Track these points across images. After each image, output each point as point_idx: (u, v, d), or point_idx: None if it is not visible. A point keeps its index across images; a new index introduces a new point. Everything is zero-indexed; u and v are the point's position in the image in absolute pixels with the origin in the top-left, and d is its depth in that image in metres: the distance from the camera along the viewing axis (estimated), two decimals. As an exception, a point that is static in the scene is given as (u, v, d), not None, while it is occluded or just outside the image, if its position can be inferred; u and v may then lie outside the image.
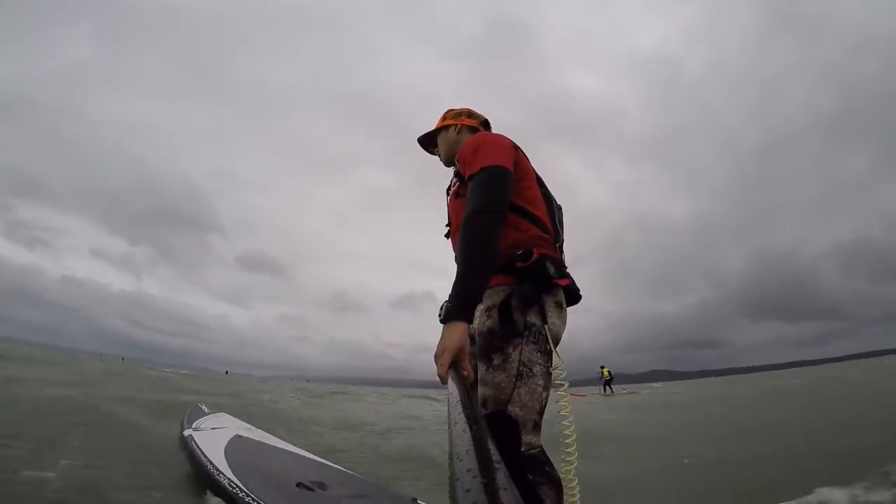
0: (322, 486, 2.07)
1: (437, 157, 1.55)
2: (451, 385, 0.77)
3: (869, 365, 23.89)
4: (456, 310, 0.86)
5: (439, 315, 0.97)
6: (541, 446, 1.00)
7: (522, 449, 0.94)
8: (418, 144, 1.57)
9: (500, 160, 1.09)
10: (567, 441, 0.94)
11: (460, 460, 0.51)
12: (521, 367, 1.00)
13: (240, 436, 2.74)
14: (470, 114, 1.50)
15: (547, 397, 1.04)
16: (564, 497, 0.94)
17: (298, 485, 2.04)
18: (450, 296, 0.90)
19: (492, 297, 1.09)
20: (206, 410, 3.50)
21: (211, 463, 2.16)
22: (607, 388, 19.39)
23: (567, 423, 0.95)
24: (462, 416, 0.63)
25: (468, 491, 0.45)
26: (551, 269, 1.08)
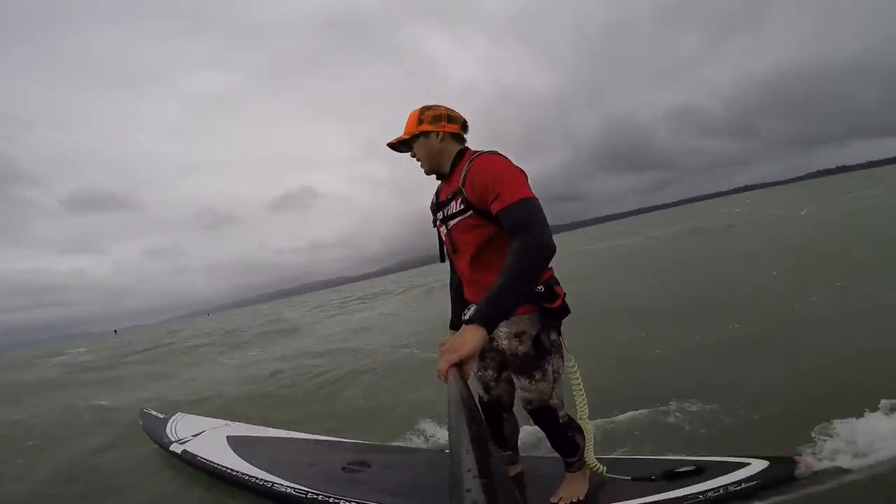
0: (365, 464, 2.08)
1: (405, 153, 1.46)
2: (451, 384, 0.79)
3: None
4: (486, 317, 0.91)
5: (464, 315, 1.19)
6: (567, 414, 1.49)
7: (560, 421, 1.44)
8: (389, 147, 1.46)
9: (532, 193, 1.18)
10: (579, 400, 1.49)
11: (460, 460, 0.51)
12: (554, 374, 1.40)
13: (231, 436, 2.67)
14: (450, 117, 1.39)
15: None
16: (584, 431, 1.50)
17: (344, 468, 2.06)
18: (484, 302, 0.94)
19: (518, 325, 1.35)
20: (161, 416, 3.26)
21: (246, 474, 2.11)
22: None
23: (577, 389, 1.47)
24: (462, 415, 0.63)
25: (468, 491, 0.44)
26: (568, 307, 1.38)
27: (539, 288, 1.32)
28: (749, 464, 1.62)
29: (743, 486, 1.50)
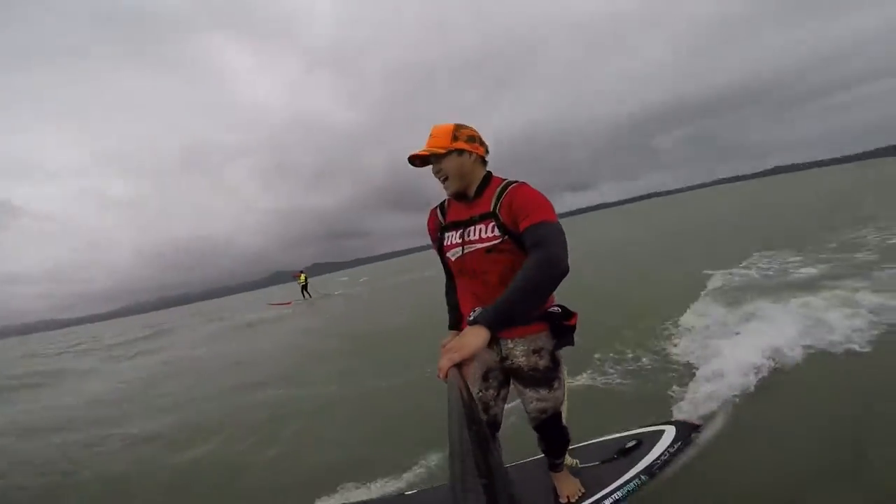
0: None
1: (420, 167, 1.42)
2: (452, 384, 0.79)
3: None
4: (493, 321, 0.93)
5: (469, 316, 1.12)
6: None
7: (563, 423, 1.58)
8: (412, 162, 1.39)
9: (557, 219, 1.25)
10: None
11: (460, 461, 0.52)
12: (564, 382, 1.53)
13: None
14: (481, 140, 1.43)
15: None
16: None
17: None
18: (492, 307, 0.97)
19: (536, 342, 1.43)
20: None
21: None
22: (305, 293, 19.47)
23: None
24: (462, 416, 0.63)
25: (469, 491, 0.46)
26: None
27: (555, 308, 1.38)
28: (664, 430, 2.03)
29: (676, 447, 1.90)
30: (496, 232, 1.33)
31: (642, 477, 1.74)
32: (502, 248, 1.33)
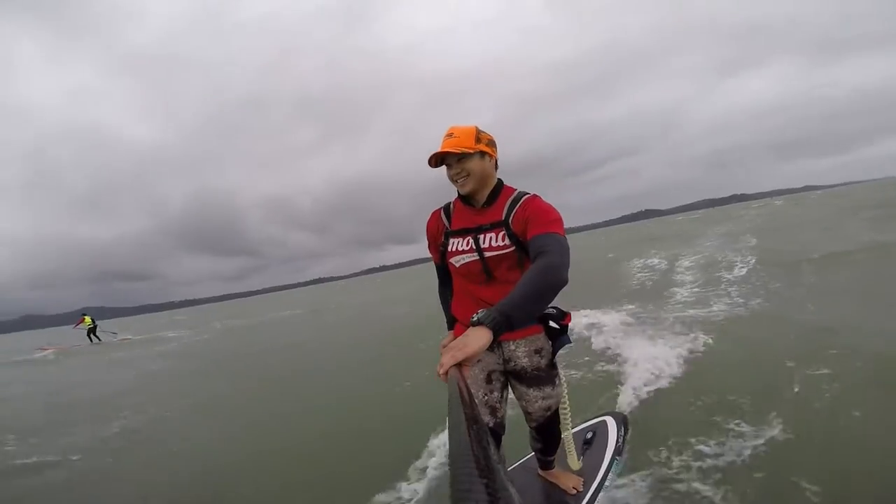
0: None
1: (432, 165, 1.41)
2: (452, 384, 0.77)
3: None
4: (496, 323, 0.93)
5: (472, 317, 1.00)
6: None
7: (559, 421, 1.70)
8: (431, 161, 1.39)
9: (564, 234, 1.29)
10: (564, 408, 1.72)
11: (460, 460, 0.46)
12: (563, 380, 1.64)
13: None
14: (496, 146, 1.45)
15: None
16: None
17: None
18: (495, 309, 0.96)
19: (536, 343, 1.50)
20: None
21: None
22: (93, 336, 17.87)
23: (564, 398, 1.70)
24: (462, 416, 0.59)
25: (469, 491, 0.41)
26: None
27: (551, 309, 1.47)
28: (604, 420, 2.35)
29: (623, 434, 2.22)
30: (507, 241, 1.38)
31: (616, 457, 2.04)
32: (513, 258, 1.39)
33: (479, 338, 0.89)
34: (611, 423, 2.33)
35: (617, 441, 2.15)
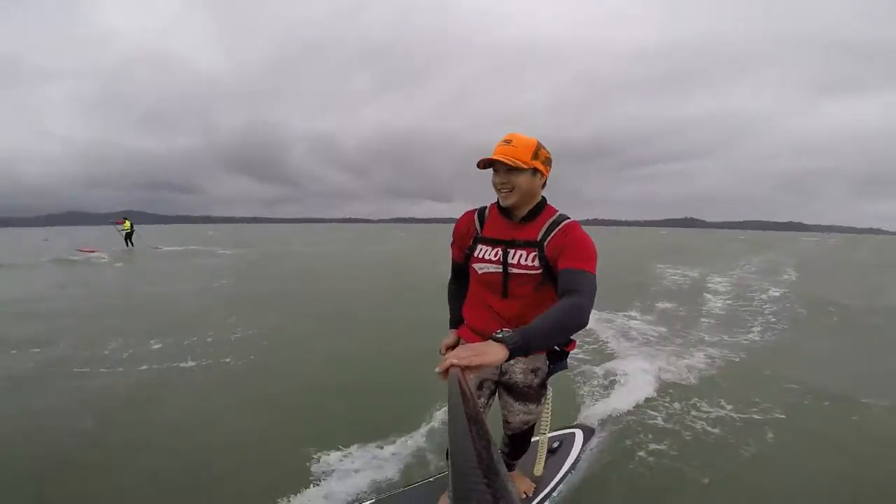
0: None
1: (480, 167, 1.35)
2: (452, 383, 0.78)
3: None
4: (516, 347, 0.95)
5: (496, 335, 0.99)
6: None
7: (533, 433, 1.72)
8: (480, 163, 1.33)
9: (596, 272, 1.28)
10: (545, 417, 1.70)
11: (460, 460, 0.50)
12: (548, 400, 1.64)
13: None
14: (551, 165, 1.40)
15: None
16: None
17: None
18: (519, 335, 0.97)
19: (535, 362, 1.52)
20: None
21: None
22: (128, 241, 17.76)
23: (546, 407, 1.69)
24: (462, 416, 0.62)
25: (469, 491, 0.45)
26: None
27: None
28: (574, 433, 2.42)
29: (590, 445, 2.38)
30: (536, 262, 1.35)
31: (571, 471, 2.14)
32: (535, 279, 1.37)
33: (496, 355, 0.91)
34: (579, 435, 2.39)
35: (577, 456, 2.23)
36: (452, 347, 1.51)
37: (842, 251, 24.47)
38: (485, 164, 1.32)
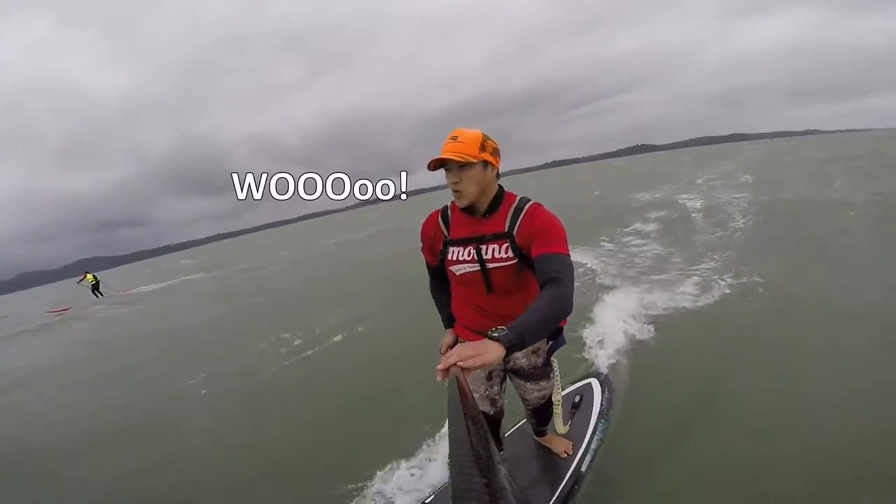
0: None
1: (431, 169, 1.36)
2: (452, 382, 0.80)
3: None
4: (512, 343, 0.97)
5: (491, 333, 1.00)
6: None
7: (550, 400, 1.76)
8: (430, 165, 1.34)
9: (569, 251, 1.32)
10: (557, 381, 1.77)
11: (460, 460, 0.52)
12: (556, 371, 1.71)
13: None
14: (500, 154, 1.40)
15: None
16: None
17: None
18: (514, 332, 0.99)
19: (534, 345, 1.54)
20: None
21: None
22: (96, 293, 18.41)
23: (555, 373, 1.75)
24: (462, 415, 0.64)
25: (468, 490, 0.46)
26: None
27: None
28: (590, 382, 2.46)
29: (607, 395, 2.35)
30: (510, 253, 1.35)
31: (602, 421, 2.16)
32: (513, 269, 1.37)
33: (495, 351, 0.93)
34: (595, 385, 2.43)
35: (601, 403, 2.26)
36: (451, 346, 1.55)
37: (782, 153, 25.65)
38: (436, 164, 1.33)
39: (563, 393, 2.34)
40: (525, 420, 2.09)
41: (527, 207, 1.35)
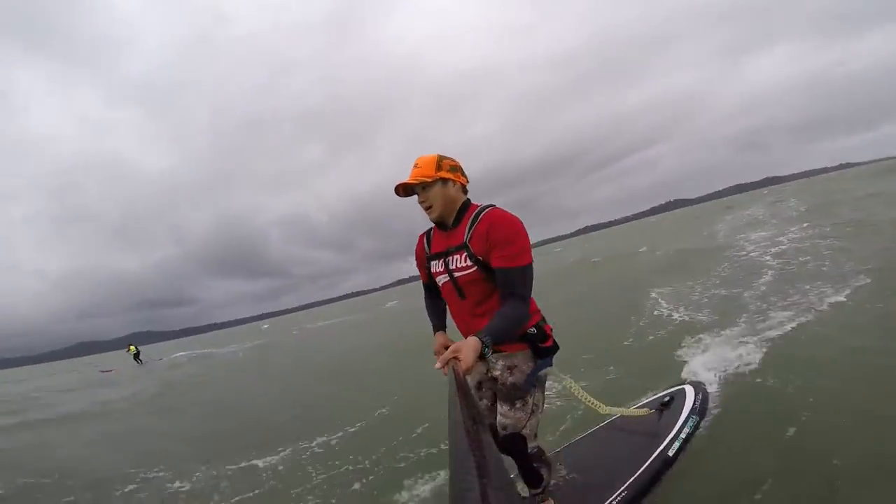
0: None
1: (400, 196, 1.52)
2: (452, 384, 0.83)
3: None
4: (482, 337, 1.16)
5: (481, 338, 1.17)
6: (538, 445, 1.67)
7: (529, 450, 1.60)
8: (397, 192, 1.50)
9: (532, 258, 1.41)
10: (585, 397, 1.89)
11: (460, 460, 0.51)
12: (533, 407, 1.57)
13: None
14: (463, 171, 1.51)
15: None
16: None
17: None
18: (484, 331, 1.19)
19: (512, 360, 1.53)
20: None
21: None
22: (138, 360, 21.90)
23: (579, 392, 1.86)
24: (462, 415, 0.64)
25: (468, 490, 0.46)
26: (557, 343, 1.59)
27: (531, 330, 1.51)
28: (683, 388, 2.51)
29: (700, 399, 2.38)
30: (468, 262, 1.43)
31: (693, 417, 2.17)
32: (475, 278, 1.44)
33: (474, 345, 1.12)
34: (689, 389, 2.47)
35: (694, 403, 2.30)
36: (445, 346, 1.60)
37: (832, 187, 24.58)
38: (403, 191, 1.49)
39: (654, 396, 2.50)
40: (615, 417, 2.25)
41: (483, 213, 1.42)
